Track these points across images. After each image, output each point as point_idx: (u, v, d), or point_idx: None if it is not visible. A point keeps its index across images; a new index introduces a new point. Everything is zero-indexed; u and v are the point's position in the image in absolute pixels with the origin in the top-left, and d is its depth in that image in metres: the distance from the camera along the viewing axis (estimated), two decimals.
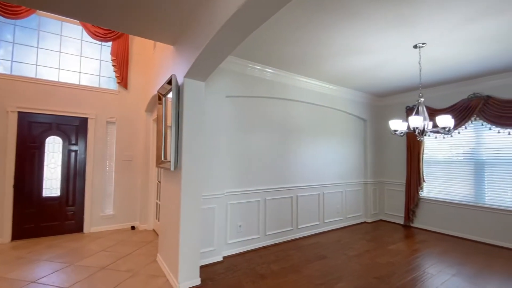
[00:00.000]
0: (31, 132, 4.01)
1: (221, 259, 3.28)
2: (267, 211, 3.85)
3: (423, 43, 2.94)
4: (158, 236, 3.81)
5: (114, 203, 4.60)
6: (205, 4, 2.15)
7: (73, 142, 4.33)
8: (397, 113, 5.35)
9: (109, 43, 4.65)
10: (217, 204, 3.26)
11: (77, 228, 4.31)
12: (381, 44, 2.99)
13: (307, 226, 4.35)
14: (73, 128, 4.33)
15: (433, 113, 4.55)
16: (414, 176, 4.85)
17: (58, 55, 4.29)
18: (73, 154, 4.32)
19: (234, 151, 3.59)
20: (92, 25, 4.17)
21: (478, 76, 4.04)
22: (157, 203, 4.50)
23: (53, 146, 4.20)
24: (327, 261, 3.29)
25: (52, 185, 4.17)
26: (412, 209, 4.87)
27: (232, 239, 3.50)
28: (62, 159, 4.24)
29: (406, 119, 5.06)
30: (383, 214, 5.47)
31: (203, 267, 3.06)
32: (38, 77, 4.11)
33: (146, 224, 4.64)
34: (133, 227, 4.63)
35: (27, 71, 4.06)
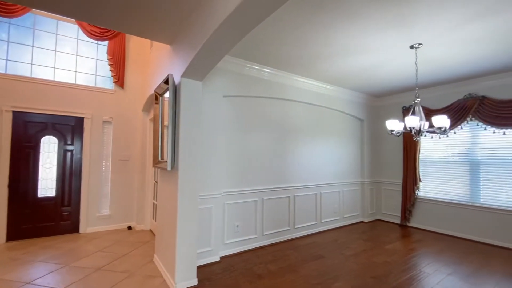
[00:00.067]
0: (26, 132, 3.97)
1: (218, 259, 3.27)
2: (264, 211, 3.85)
3: (419, 44, 2.96)
4: (155, 237, 3.79)
5: (111, 203, 4.57)
6: (203, 4, 2.14)
7: (69, 142, 4.29)
8: (394, 113, 5.37)
9: (106, 42, 4.61)
10: (214, 204, 3.25)
11: (73, 228, 4.27)
12: (378, 44, 3.00)
13: (304, 226, 4.36)
14: (69, 128, 4.29)
15: (429, 113, 4.58)
16: (410, 175, 4.88)
17: (54, 54, 4.25)
18: (69, 154, 4.29)
19: (231, 151, 3.58)
20: (88, 24, 4.15)
21: (474, 76, 4.07)
22: (154, 203, 4.48)
23: (49, 146, 4.16)
24: (324, 260, 3.30)
25: (47, 185, 4.14)
26: (408, 208, 4.90)
27: (230, 239, 3.50)
28: (57, 159, 4.21)
29: (402, 119, 5.09)
30: (380, 213, 5.50)
31: (200, 267, 3.05)
32: (33, 76, 4.07)
33: (142, 224, 4.62)
34: (129, 228, 4.60)
35: (22, 70, 4.02)
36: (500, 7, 2.24)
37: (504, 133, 3.90)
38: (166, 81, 2.75)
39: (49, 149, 4.16)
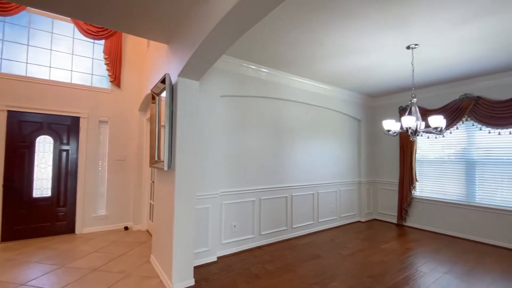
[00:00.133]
0: (21, 132, 3.93)
1: (216, 259, 3.27)
2: (261, 211, 3.85)
3: (415, 44, 2.98)
4: (151, 237, 3.77)
5: (107, 203, 4.54)
6: (200, 3, 2.14)
7: (64, 141, 4.25)
8: (391, 113, 5.40)
9: (102, 41, 4.58)
10: (211, 204, 3.24)
11: (69, 229, 4.24)
12: (375, 44, 3.01)
13: (301, 226, 4.36)
14: (65, 128, 4.26)
15: (425, 113, 4.61)
16: (407, 175, 4.91)
17: (49, 53, 4.21)
18: (64, 154, 4.25)
19: (228, 151, 3.58)
20: (85, 23, 4.12)
21: (469, 77, 4.10)
22: (150, 203, 4.46)
23: (44, 145, 4.12)
24: (321, 260, 3.31)
25: (42, 186, 4.10)
26: (405, 208, 4.93)
27: (227, 239, 3.49)
28: (53, 159, 4.17)
29: (399, 119, 5.12)
30: (377, 213, 5.52)
31: (197, 267, 3.04)
32: (28, 75, 4.03)
33: (139, 224, 4.59)
34: (126, 228, 4.57)
35: (17, 69, 3.98)
36: (497, 7, 2.25)
37: (499, 133, 3.93)
38: (163, 81, 2.74)
39: (44, 149, 4.12)
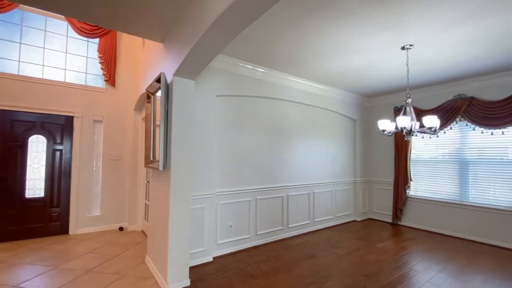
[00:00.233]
0: (13, 131, 3.86)
1: (211, 259, 3.25)
2: (257, 210, 3.85)
3: (410, 45, 3.00)
4: (146, 237, 3.75)
5: (102, 203, 4.49)
6: (195, 1, 2.12)
7: (58, 141, 4.19)
8: (386, 113, 5.44)
9: (96, 40, 4.53)
10: (207, 204, 3.23)
11: (63, 230, 4.18)
12: (370, 45, 3.02)
13: (297, 226, 4.37)
14: (58, 127, 4.20)
15: (420, 113, 4.66)
16: (401, 175, 4.95)
17: (42, 51, 4.15)
18: (58, 153, 4.19)
19: (224, 150, 3.57)
20: (78, 21, 4.07)
21: (463, 77, 4.15)
22: (146, 203, 4.43)
23: (37, 145, 4.06)
24: (317, 260, 3.32)
25: (35, 186, 4.04)
26: (400, 207, 4.97)
27: (223, 239, 3.48)
28: (46, 158, 4.11)
29: (394, 119, 5.15)
30: (372, 212, 5.56)
31: (193, 268, 3.02)
32: (21, 73, 3.97)
33: (134, 225, 4.55)
34: (121, 228, 4.53)
35: (9, 67, 3.91)
36: (489, 8, 2.28)
37: (492, 134, 3.99)
38: (158, 80, 2.72)
39: (37, 148, 4.06)
